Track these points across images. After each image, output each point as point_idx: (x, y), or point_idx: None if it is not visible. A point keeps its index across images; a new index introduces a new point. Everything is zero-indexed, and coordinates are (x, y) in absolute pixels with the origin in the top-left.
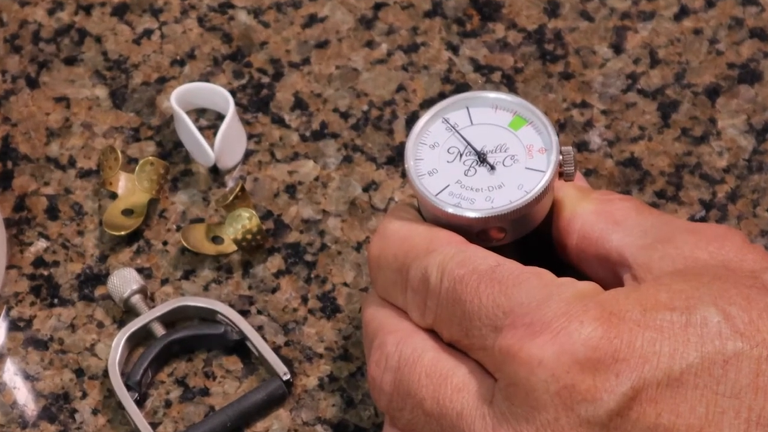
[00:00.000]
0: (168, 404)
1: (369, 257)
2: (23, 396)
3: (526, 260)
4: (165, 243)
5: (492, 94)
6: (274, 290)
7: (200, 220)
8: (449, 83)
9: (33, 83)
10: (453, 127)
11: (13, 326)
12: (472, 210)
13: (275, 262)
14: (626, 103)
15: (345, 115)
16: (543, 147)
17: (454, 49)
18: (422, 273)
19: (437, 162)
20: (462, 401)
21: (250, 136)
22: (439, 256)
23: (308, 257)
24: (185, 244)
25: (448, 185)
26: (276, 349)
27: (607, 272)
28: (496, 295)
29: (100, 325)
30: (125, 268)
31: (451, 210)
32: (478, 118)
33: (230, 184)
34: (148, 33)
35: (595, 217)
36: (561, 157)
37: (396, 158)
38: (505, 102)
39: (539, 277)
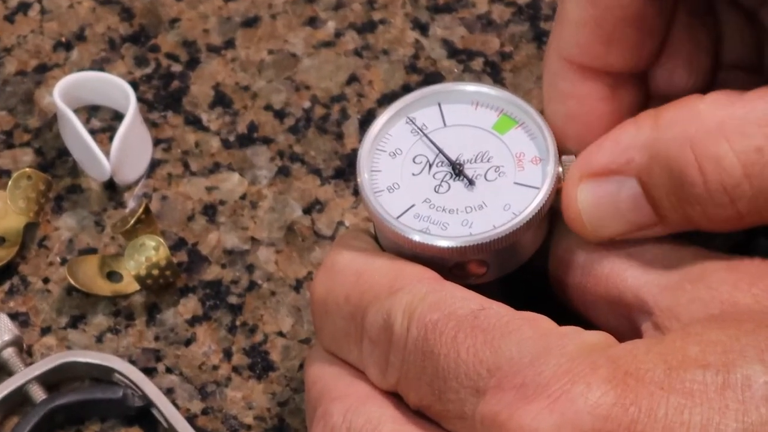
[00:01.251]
0: None
1: (312, 299)
2: None
3: (516, 303)
4: (46, 280)
5: (471, 87)
6: (188, 342)
7: (92, 251)
8: (416, 73)
9: None
10: (420, 130)
11: None
12: (445, 238)
13: (190, 305)
14: None
15: (280, 114)
16: (537, 156)
17: (423, 28)
18: (383, 319)
19: (400, 175)
20: None
21: (156, 142)
22: (406, 296)
23: (232, 299)
24: (73, 282)
25: (414, 205)
26: (191, 419)
27: (620, 319)
28: (479, 347)
29: None
30: None
31: (417, 238)
32: (454, 118)
33: (131, 204)
34: (24, 7)
35: (603, 248)
36: (561, 170)
37: (346, 170)
38: (488, 97)
39: (534, 325)
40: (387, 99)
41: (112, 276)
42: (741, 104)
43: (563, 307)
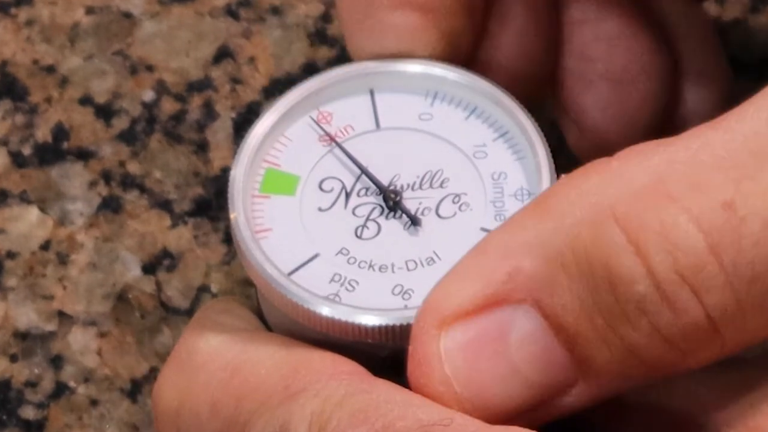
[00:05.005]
0: None
1: (157, 411)
2: None
3: None
4: None
5: (418, 67)
6: None
7: None
8: (326, 44)
9: None
10: (329, 135)
11: None
12: (372, 311)
13: None
14: None
15: (106, 112)
16: (523, 177)
17: None
18: None
19: (298, 209)
20: None
21: None
22: (313, 401)
23: (28, 411)
24: None
25: (319, 255)
26: None
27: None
28: None
29: None
30: None
31: (326, 311)
32: (390, 117)
33: None
34: None
35: None
36: None
37: (213, 202)
38: (447, 84)
39: None
40: (279, 86)
41: None
42: (683, 144)
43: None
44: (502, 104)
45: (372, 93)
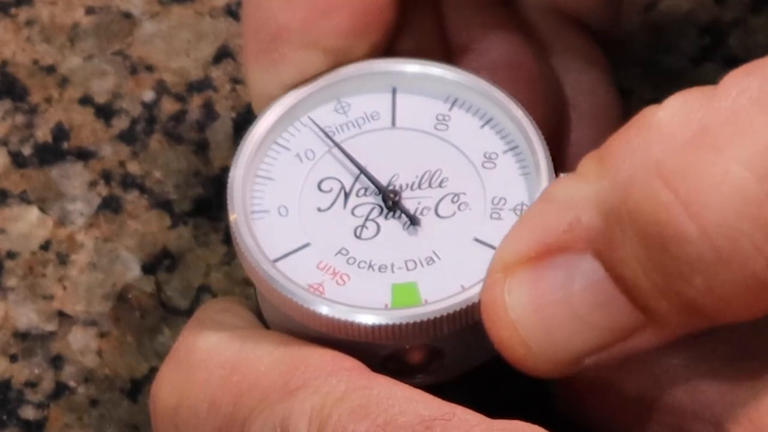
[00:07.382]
0: None
1: (156, 410)
2: None
3: (493, 409)
4: None
5: (416, 66)
6: None
7: None
8: None
9: None
10: (329, 136)
11: None
12: (371, 310)
13: None
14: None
15: (106, 111)
16: (521, 176)
17: None
18: None
19: (297, 210)
20: None
21: None
22: (313, 397)
23: (28, 411)
24: None
25: (321, 259)
26: None
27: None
28: None
29: None
30: None
31: (326, 310)
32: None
33: None
34: None
35: None
36: None
37: (213, 202)
38: (445, 84)
39: None
40: None
41: None
42: (723, 91)
43: (567, 412)
44: (498, 99)
45: (394, 91)
